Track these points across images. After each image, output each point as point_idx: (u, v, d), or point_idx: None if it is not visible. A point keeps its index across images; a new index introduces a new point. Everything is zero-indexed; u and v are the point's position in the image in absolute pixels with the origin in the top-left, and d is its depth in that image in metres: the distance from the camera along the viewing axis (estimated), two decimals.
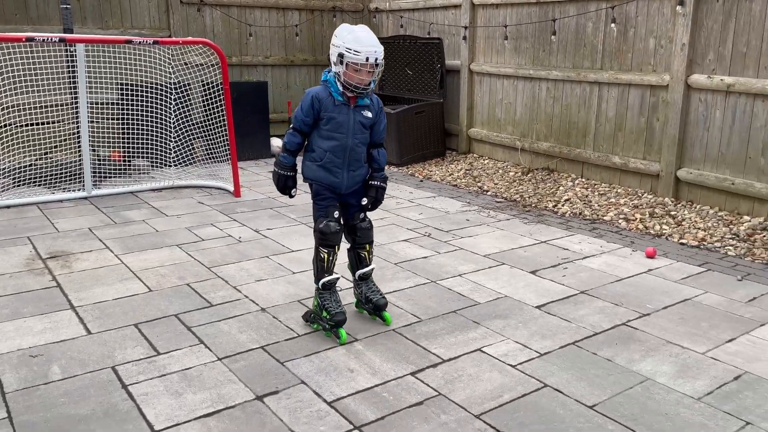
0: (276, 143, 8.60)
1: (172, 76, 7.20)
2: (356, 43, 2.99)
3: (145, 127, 6.96)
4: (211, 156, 7.32)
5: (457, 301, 3.81)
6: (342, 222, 3.31)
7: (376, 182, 3.34)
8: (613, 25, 6.15)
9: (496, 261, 4.50)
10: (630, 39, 6.05)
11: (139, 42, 5.74)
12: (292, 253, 4.67)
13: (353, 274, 3.49)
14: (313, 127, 3.19)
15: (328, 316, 3.25)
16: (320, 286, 3.30)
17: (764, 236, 4.89)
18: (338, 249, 3.29)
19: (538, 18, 6.96)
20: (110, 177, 6.73)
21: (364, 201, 3.33)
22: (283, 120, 9.18)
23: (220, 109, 6.96)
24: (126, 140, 7.02)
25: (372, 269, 3.46)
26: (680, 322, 3.50)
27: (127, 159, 7.09)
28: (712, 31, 5.37)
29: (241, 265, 4.38)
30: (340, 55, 3.01)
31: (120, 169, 6.93)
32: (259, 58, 9.15)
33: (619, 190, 6.23)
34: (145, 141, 7.00)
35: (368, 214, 3.41)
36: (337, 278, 3.34)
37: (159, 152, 7.09)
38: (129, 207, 5.91)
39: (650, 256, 4.59)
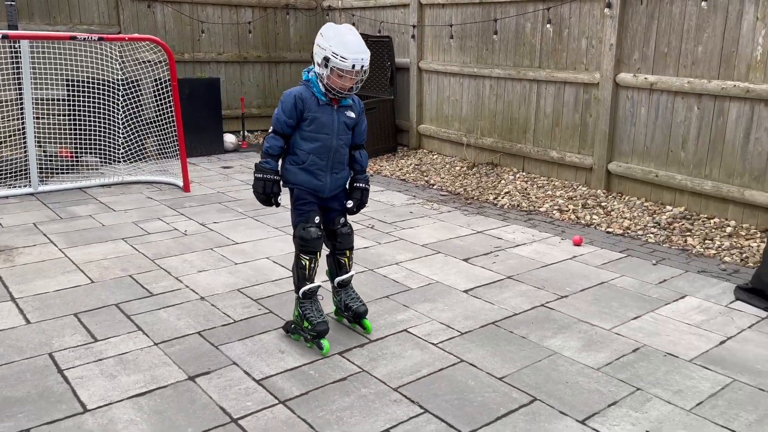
0: (229, 139, 8.69)
1: (121, 72, 7.23)
2: (344, 48, 2.82)
3: (94, 124, 6.98)
4: (162, 152, 7.38)
5: (391, 287, 4.01)
6: (321, 228, 3.16)
7: (360, 184, 3.23)
8: (549, 25, 6.44)
9: (433, 250, 4.72)
10: (564, 39, 6.35)
11: (84, 38, 5.78)
12: (236, 245, 4.80)
13: (332, 281, 3.37)
14: (295, 129, 3.04)
15: (309, 327, 3.11)
16: (301, 295, 3.15)
17: (683, 224, 5.23)
18: (320, 255, 3.15)
19: (481, 18, 7.22)
20: (59, 173, 6.74)
21: (349, 204, 3.21)
22: (237, 116, 9.28)
23: (170, 105, 7.01)
24: (75, 137, 7.02)
25: (351, 276, 3.34)
26: (593, 303, 3.77)
27: (76, 156, 7.10)
28: (637, 33, 5.69)
29: (184, 257, 4.50)
30: (326, 59, 2.85)
31: (69, 166, 6.94)
32: (212, 55, 9.22)
33: (556, 183, 6.54)
34: (94, 138, 7.01)
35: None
36: (318, 286, 3.19)
37: (108, 149, 7.12)
38: (76, 203, 5.95)
39: (577, 244, 4.87)
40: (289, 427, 2.53)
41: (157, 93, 7.33)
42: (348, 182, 3.24)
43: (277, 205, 3.10)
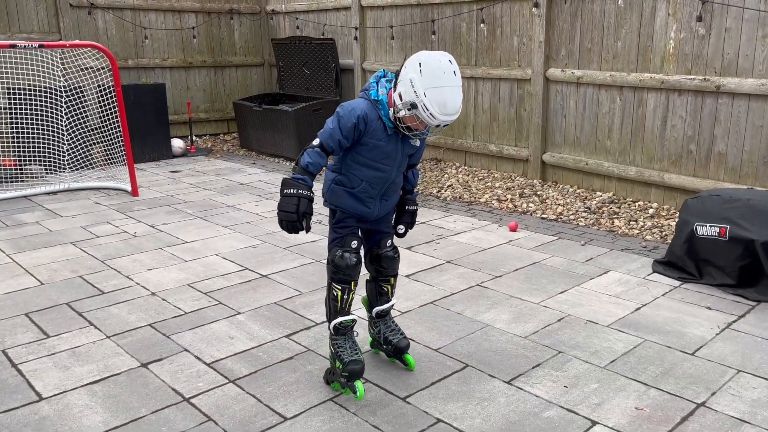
0: (177, 144, 8.72)
1: (63, 80, 7.21)
2: (439, 107, 2.38)
3: (37, 133, 6.95)
4: (109, 158, 7.38)
5: None
6: (360, 254, 2.76)
7: (411, 207, 2.92)
8: (483, 25, 6.77)
9: None
10: (498, 38, 6.68)
11: (24, 46, 5.79)
12: (185, 244, 4.92)
13: (369, 310, 3.03)
14: (348, 150, 2.64)
15: (341, 366, 2.71)
16: (332, 330, 2.78)
17: (611, 208, 5.60)
18: (355, 285, 2.74)
19: (420, 19, 7.50)
20: (2, 183, 6.68)
21: (401, 229, 2.92)
22: (184, 121, 9.30)
23: (116, 112, 7.03)
24: (17, 146, 6.97)
25: (392, 305, 2.99)
26: (525, 281, 4.06)
27: (20, 165, 7.05)
28: (563, 30, 6.06)
29: (134, 257, 4.60)
30: (413, 105, 2.41)
31: (13, 175, 6.89)
32: (157, 61, 9.23)
33: (495, 175, 6.86)
34: (37, 146, 6.98)
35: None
36: (354, 320, 2.81)
37: (53, 157, 7.09)
38: (22, 210, 5.94)
39: (512, 230, 5.17)
40: (238, 402, 2.71)
41: (101, 100, 7.33)
42: (397, 205, 2.90)
43: (308, 230, 2.56)
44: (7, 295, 3.90)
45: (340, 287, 2.71)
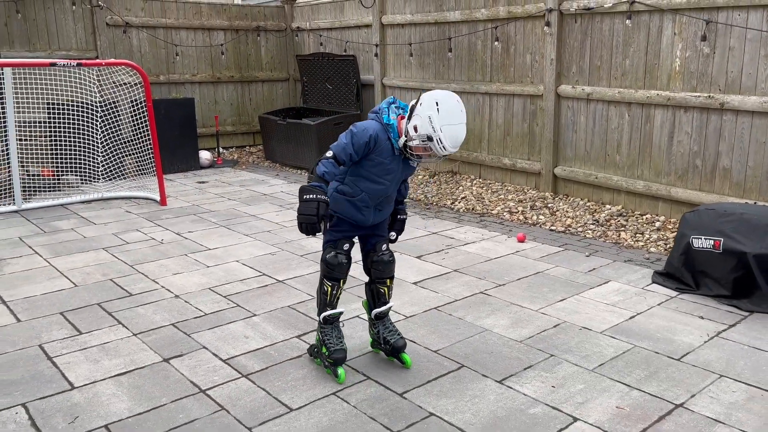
0: (204, 156, 9.11)
1: (99, 95, 7.64)
2: (451, 140, 2.74)
3: (74, 145, 7.37)
4: (140, 169, 7.78)
5: (349, 281, 4.44)
6: (350, 255, 3.07)
7: (402, 216, 3.22)
8: (497, 43, 6.99)
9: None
10: (512, 55, 6.89)
11: (63, 64, 6.20)
12: (209, 251, 5.22)
13: (369, 312, 3.27)
14: (355, 163, 2.93)
15: (327, 353, 3.07)
16: (321, 320, 3.10)
17: (618, 221, 5.75)
18: (343, 283, 3.08)
19: (437, 36, 7.76)
20: (41, 192, 7.11)
21: (393, 236, 3.19)
22: (212, 134, 9.70)
23: (147, 125, 7.42)
24: (56, 157, 7.40)
25: (390, 307, 3.24)
26: (527, 289, 4.25)
27: (57, 175, 7.48)
28: (574, 48, 6.25)
29: (160, 262, 4.91)
30: (429, 137, 2.73)
31: (51, 185, 7.31)
32: (187, 76, 9.66)
33: (509, 188, 7.05)
34: (74, 157, 7.40)
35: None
36: (341, 312, 3.13)
37: (88, 167, 7.50)
38: (59, 218, 6.33)
39: (520, 241, 5.35)
40: (249, 394, 2.96)
41: (134, 113, 7.74)
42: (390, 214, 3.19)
43: (324, 232, 2.98)
44: (44, 295, 4.24)
45: (330, 284, 3.04)
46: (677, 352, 3.32)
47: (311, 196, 2.78)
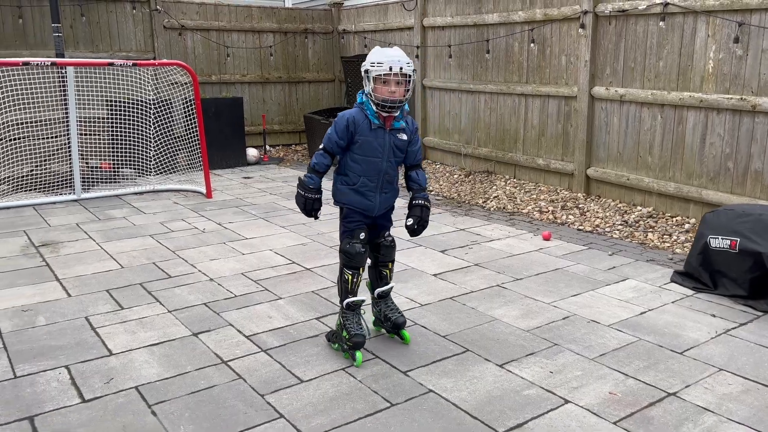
0: (251, 153, 9.51)
1: (152, 93, 8.13)
2: (379, 55, 2.99)
3: (130, 140, 7.88)
4: (190, 164, 8.23)
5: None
6: (366, 244, 3.27)
7: (419, 201, 3.27)
8: (533, 44, 7.08)
9: (416, 244, 5.37)
10: (547, 57, 6.97)
11: (120, 64, 6.67)
12: (245, 240, 5.54)
13: (372, 292, 3.49)
14: (345, 150, 3.17)
15: (347, 337, 3.22)
16: (344, 306, 3.28)
17: (648, 222, 5.76)
18: (362, 271, 3.25)
19: (476, 38, 7.89)
20: (100, 183, 7.63)
21: (410, 221, 3.26)
22: (259, 132, 10.12)
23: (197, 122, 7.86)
24: (114, 152, 7.93)
25: (391, 287, 3.46)
26: (543, 284, 4.36)
27: (115, 168, 8.00)
28: (608, 50, 6.28)
29: (200, 249, 5.26)
30: (366, 72, 3.01)
31: (109, 177, 7.84)
32: (237, 76, 10.11)
33: (542, 188, 7.12)
34: (130, 152, 7.90)
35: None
36: (362, 301, 3.31)
37: (142, 161, 8.00)
38: (113, 207, 6.80)
39: (546, 239, 5.45)
40: (266, 366, 3.21)
41: (186, 112, 8.19)
42: (408, 202, 3.33)
43: (316, 218, 3.30)
44: (94, 275, 4.63)
45: (350, 272, 3.24)
46: (681, 346, 3.38)
47: (302, 192, 3.21)
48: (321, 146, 3.18)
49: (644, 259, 4.89)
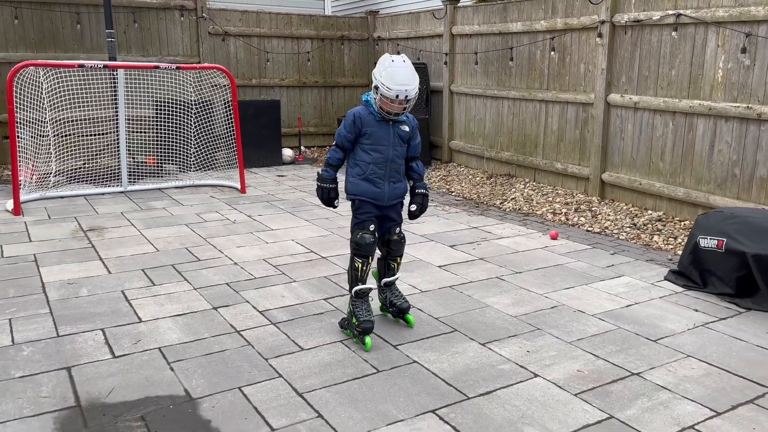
0: (287, 153, 10.01)
1: (193, 95, 8.71)
2: (390, 80, 3.22)
3: (173, 138, 8.47)
4: (229, 162, 8.77)
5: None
6: (376, 235, 3.52)
7: (420, 190, 3.63)
8: (553, 53, 7.33)
9: (428, 239, 5.70)
10: (567, 64, 7.21)
11: (165, 67, 7.23)
12: (271, 231, 5.98)
13: (378, 280, 3.78)
14: (355, 144, 3.48)
15: (356, 323, 3.48)
16: (353, 294, 3.53)
17: (656, 226, 5.94)
18: (371, 260, 3.52)
19: (501, 46, 8.18)
20: (145, 177, 8.24)
21: (413, 207, 3.59)
22: (295, 134, 10.62)
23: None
24: (158, 148, 8.53)
25: (397, 278, 3.75)
26: (540, 277, 4.64)
27: (159, 164, 8.60)
28: (624, 59, 6.49)
29: (229, 237, 5.72)
30: (376, 87, 3.29)
31: (153, 172, 8.44)
32: (276, 80, 10.64)
33: (559, 191, 7.34)
34: (173, 149, 8.49)
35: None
36: (371, 289, 3.56)
37: (184, 158, 8.57)
38: (155, 199, 7.37)
39: (553, 238, 5.70)
40: (273, 336, 3.61)
41: (226, 112, 8.73)
42: (409, 191, 3.65)
43: (335, 207, 3.60)
44: (132, 256, 5.14)
45: (360, 261, 3.51)
46: (656, 335, 3.62)
47: (320, 183, 3.56)
48: (334, 143, 3.55)
49: (644, 259, 5.09)
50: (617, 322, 3.81)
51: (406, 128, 3.50)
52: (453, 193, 7.83)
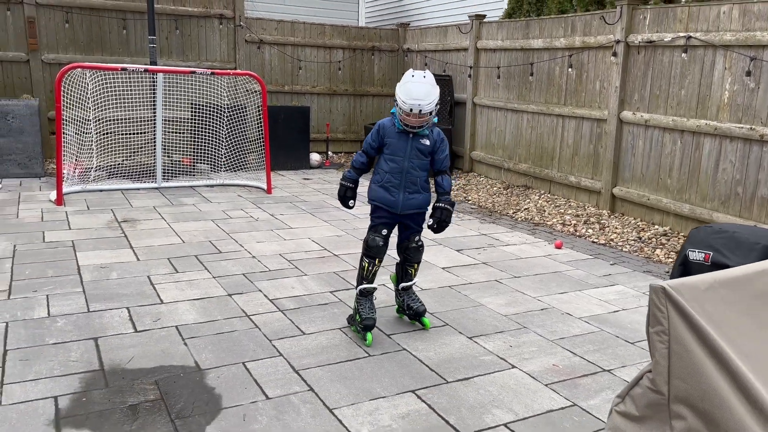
0: (314, 157, 10.42)
1: (227, 99, 9.19)
2: (405, 94, 3.43)
3: (207, 139, 8.96)
4: (259, 164, 9.21)
5: (389, 260, 5.35)
6: (387, 240, 3.72)
7: (440, 204, 3.66)
8: (571, 69, 7.56)
9: (437, 243, 6.00)
10: (583, 81, 7.43)
11: (201, 72, 7.71)
12: (290, 229, 6.36)
13: (396, 284, 3.97)
14: (379, 152, 3.71)
15: (359, 319, 3.69)
16: (358, 292, 3.74)
17: (660, 240, 6.12)
18: (379, 262, 3.70)
19: (522, 61, 8.44)
20: (178, 175, 8.74)
21: (430, 221, 3.68)
22: (323, 139, 11.04)
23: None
24: (193, 148, 9.03)
25: (414, 283, 3.92)
26: (537, 282, 4.89)
27: (193, 163, 9.10)
28: (636, 77, 6.70)
29: (250, 233, 6.12)
30: (395, 100, 3.53)
31: (187, 170, 8.94)
32: (307, 88, 11.09)
33: (572, 204, 7.55)
34: (206, 150, 8.98)
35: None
36: (375, 288, 3.75)
37: (216, 158, 9.06)
38: (186, 195, 7.84)
39: (557, 247, 5.93)
40: (279, 321, 3.97)
41: (258, 117, 9.19)
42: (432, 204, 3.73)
43: (349, 207, 3.81)
44: (160, 246, 5.57)
45: (368, 261, 3.73)
46: (635, 338, 3.85)
47: (342, 182, 3.81)
48: (362, 148, 3.82)
49: (641, 270, 5.29)
50: (601, 325, 4.04)
51: (427, 142, 3.61)
52: (469, 202, 8.10)
